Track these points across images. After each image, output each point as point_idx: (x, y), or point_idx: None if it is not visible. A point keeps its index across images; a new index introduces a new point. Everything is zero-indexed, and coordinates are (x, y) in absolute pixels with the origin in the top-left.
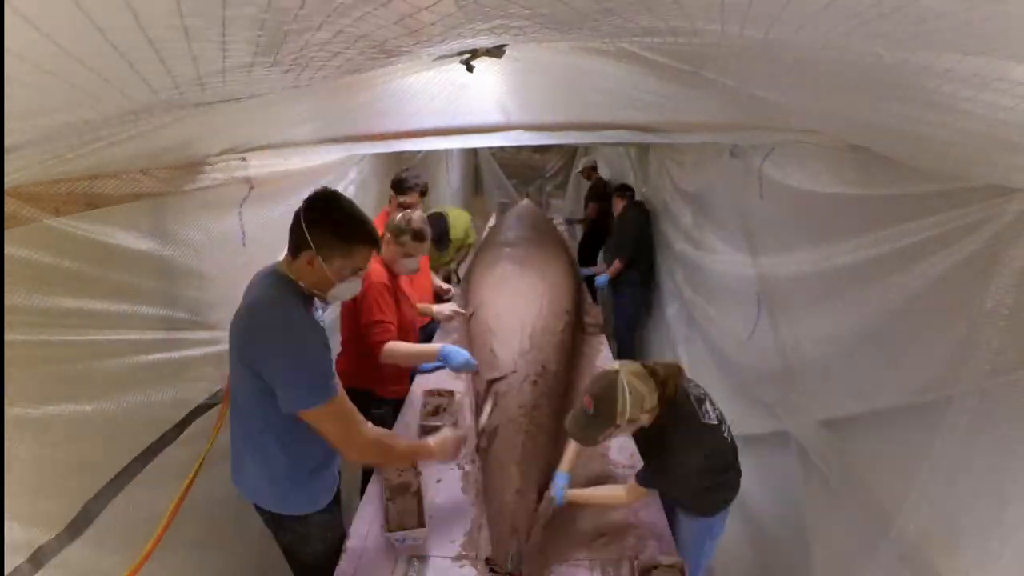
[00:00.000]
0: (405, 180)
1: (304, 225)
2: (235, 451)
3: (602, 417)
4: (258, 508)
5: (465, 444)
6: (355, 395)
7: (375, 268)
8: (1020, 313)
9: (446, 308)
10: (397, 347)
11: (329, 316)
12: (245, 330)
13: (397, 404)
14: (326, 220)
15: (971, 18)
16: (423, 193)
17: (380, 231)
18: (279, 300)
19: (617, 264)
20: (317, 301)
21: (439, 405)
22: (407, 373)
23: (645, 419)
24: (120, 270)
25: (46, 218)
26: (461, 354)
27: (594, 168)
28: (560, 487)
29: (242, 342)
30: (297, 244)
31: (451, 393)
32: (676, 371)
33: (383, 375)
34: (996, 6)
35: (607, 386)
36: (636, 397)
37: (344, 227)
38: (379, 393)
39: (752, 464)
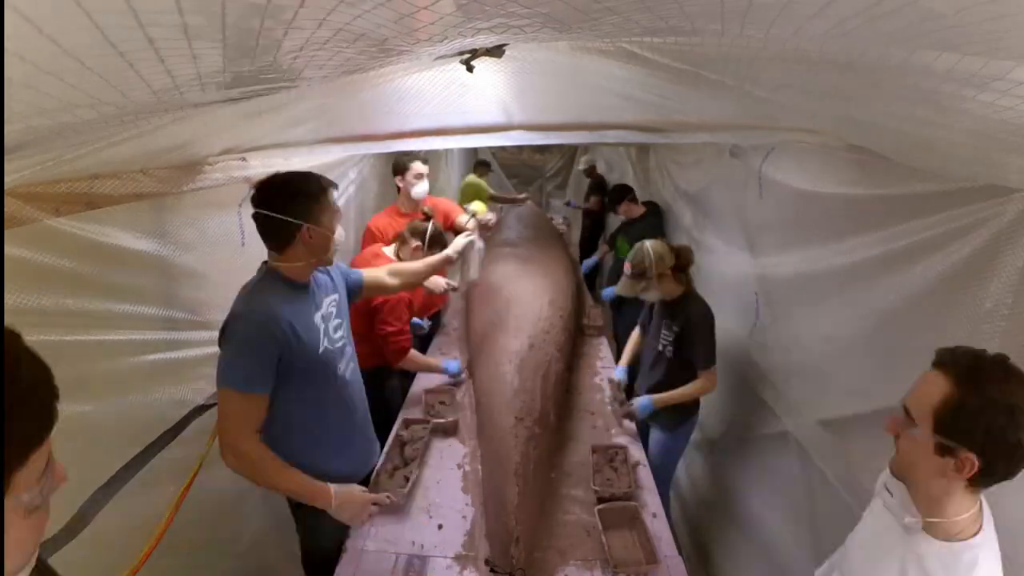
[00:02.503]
0: (400, 160)
1: (278, 212)
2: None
3: (637, 272)
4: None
5: (369, 513)
6: (373, 373)
7: (381, 259)
8: (1020, 313)
9: (441, 282)
10: (413, 358)
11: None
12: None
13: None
14: (287, 194)
15: (971, 18)
16: (424, 161)
17: (390, 230)
18: (250, 290)
19: None
20: (318, 275)
21: (441, 401)
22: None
23: (668, 276)
24: (120, 270)
25: (46, 218)
26: (455, 364)
27: (594, 167)
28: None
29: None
30: (282, 233)
31: (451, 391)
32: (688, 248)
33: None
34: (996, 6)
35: (638, 251)
36: (658, 254)
37: (304, 188)
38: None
39: (752, 464)
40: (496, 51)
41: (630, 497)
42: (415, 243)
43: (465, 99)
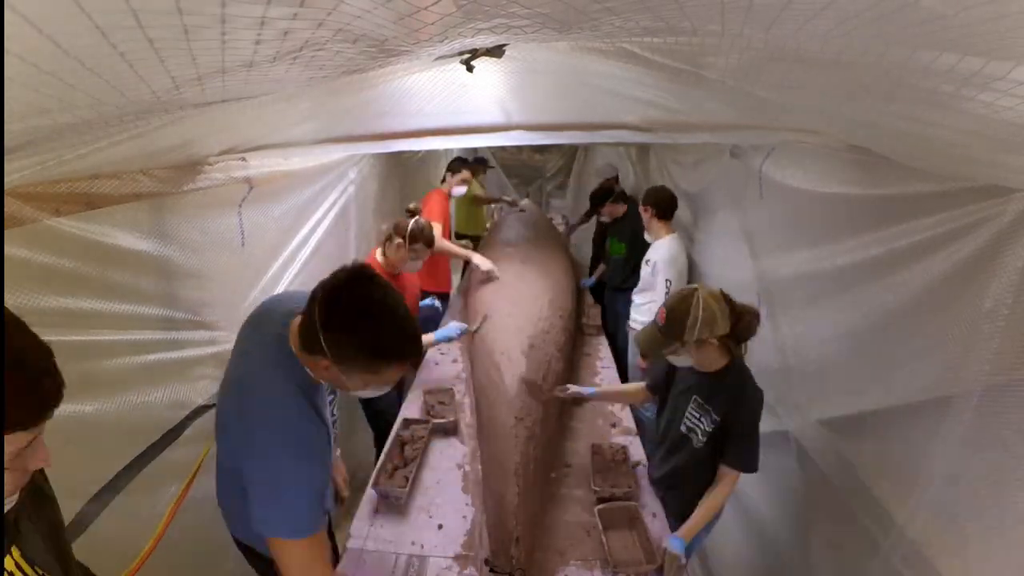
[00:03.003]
0: (457, 164)
1: (320, 328)
2: (222, 477)
3: (671, 330)
4: (247, 550)
5: None
6: None
7: (372, 265)
8: (1020, 313)
9: (484, 264)
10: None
11: None
12: (239, 410)
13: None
14: (352, 331)
15: (971, 19)
16: (474, 172)
17: (434, 208)
18: (280, 399)
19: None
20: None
21: (441, 401)
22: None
23: (714, 346)
24: (120, 270)
25: (46, 218)
26: (449, 331)
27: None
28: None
29: (233, 416)
30: (311, 343)
31: (451, 391)
32: (754, 313)
33: None
34: (996, 7)
35: (681, 300)
36: (708, 316)
37: (377, 343)
38: None
39: None
40: (496, 51)
41: (630, 497)
42: (398, 240)
43: (465, 99)
